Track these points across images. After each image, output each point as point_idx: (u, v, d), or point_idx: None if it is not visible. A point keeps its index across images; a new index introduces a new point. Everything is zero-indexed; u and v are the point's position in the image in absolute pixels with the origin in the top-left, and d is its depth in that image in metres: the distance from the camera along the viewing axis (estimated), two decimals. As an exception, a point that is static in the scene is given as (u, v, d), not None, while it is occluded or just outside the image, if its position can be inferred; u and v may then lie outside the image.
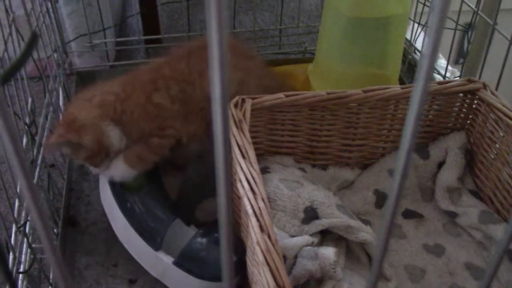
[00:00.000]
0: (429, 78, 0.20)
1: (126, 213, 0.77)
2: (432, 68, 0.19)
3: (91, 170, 0.81)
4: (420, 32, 1.19)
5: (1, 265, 0.22)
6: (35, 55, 0.85)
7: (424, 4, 1.14)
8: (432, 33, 0.18)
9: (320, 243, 0.70)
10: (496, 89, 0.83)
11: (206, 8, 0.16)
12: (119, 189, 0.79)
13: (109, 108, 0.77)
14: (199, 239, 0.75)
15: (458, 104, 0.84)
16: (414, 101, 0.20)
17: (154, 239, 0.75)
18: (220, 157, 0.19)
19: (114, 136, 0.77)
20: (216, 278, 0.72)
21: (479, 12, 0.95)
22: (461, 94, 0.83)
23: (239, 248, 0.74)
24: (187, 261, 0.73)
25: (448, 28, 1.02)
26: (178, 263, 0.73)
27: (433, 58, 0.19)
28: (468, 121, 0.85)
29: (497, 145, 0.78)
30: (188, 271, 0.72)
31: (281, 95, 0.75)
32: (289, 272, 0.62)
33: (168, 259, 0.73)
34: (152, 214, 0.77)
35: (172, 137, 0.81)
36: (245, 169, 0.61)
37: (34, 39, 0.55)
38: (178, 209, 0.82)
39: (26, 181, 0.18)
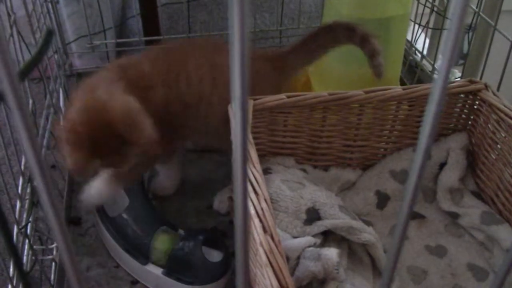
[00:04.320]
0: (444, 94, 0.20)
1: (112, 234, 0.79)
2: (448, 76, 0.19)
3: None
4: (421, 33, 1.19)
5: (16, 266, 0.22)
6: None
7: (425, 5, 1.14)
8: (450, 43, 0.18)
9: (322, 244, 0.70)
10: (498, 90, 0.83)
11: (229, 7, 0.15)
12: (102, 210, 0.80)
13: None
14: (183, 244, 0.75)
15: (459, 104, 0.84)
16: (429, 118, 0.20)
17: (140, 254, 0.76)
18: (238, 157, 0.19)
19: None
20: (205, 281, 0.73)
21: (480, 13, 0.95)
22: (462, 95, 0.83)
23: (223, 246, 0.75)
24: (175, 269, 0.74)
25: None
26: (167, 273, 0.74)
27: (449, 68, 0.19)
28: (470, 122, 0.85)
29: (498, 146, 0.78)
30: (178, 279, 0.73)
31: (282, 96, 0.75)
32: (291, 273, 0.62)
33: (157, 271, 0.74)
34: (136, 229, 0.77)
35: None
36: (247, 170, 0.61)
37: (50, 35, 0.54)
38: (166, 215, 0.83)
39: (42, 177, 0.18)
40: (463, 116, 0.85)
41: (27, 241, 0.70)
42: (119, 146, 0.65)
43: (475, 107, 0.83)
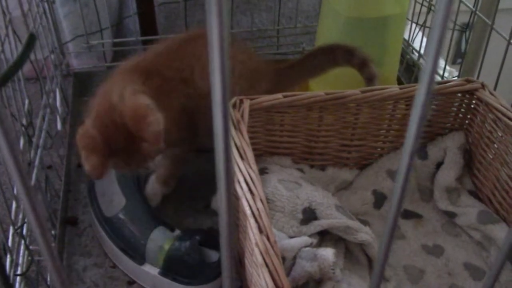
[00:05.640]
0: (432, 87, 0.20)
1: (109, 234, 0.79)
2: (434, 74, 0.19)
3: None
4: (418, 32, 1.19)
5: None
6: (32, 56, 0.85)
7: (422, 4, 1.14)
8: (435, 37, 0.18)
9: (319, 244, 0.70)
10: (494, 89, 0.83)
11: (207, 8, 0.15)
12: (99, 210, 0.80)
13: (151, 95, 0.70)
14: (180, 244, 0.74)
15: (456, 104, 0.84)
16: (416, 110, 0.20)
17: (137, 254, 0.75)
18: (220, 158, 0.19)
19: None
20: (202, 281, 0.73)
21: (477, 12, 0.95)
22: (459, 94, 0.82)
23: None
24: (172, 269, 0.73)
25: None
26: (163, 273, 0.73)
27: (436, 62, 0.18)
28: (467, 121, 0.85)
29: (495, 145, 0.78)
30: (175, 279, 0.73)
31: (279, 95, 0.75)
32: (288, 274, 0.62)
33: (154, 271, 0.74)
34: (132, 229, 0.77)
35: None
36: (244, 170, 0.61)
37: (31, 39, 0.55)
38: (163, 214, 0.83)
39: (23, 185, 0.18)
40: (460, 115, 0.85)
41: (23, 241, 0.69)
42: (132, 144, 0.67)
43: (472, 106, 0.83)
